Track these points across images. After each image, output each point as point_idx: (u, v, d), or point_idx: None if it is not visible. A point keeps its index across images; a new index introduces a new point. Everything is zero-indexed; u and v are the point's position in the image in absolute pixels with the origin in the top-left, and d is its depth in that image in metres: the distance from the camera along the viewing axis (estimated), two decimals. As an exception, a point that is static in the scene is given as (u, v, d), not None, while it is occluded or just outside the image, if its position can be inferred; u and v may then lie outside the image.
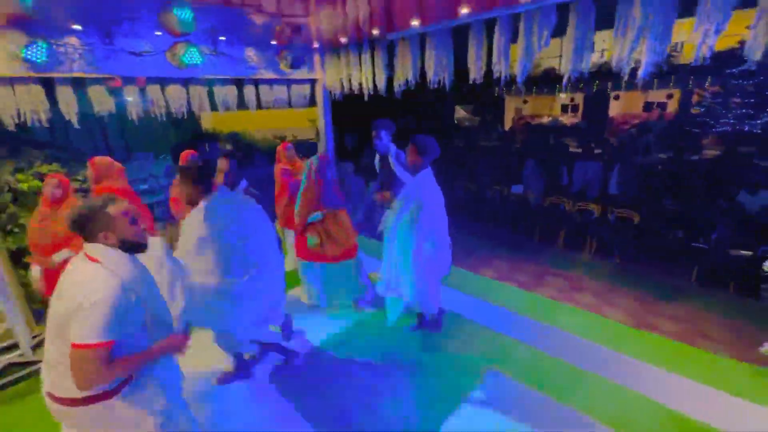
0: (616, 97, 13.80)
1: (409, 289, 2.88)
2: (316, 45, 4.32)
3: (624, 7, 2.52)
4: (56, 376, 1.39)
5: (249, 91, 4.13)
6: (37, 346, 3.10)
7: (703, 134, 10.25)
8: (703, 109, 10.45)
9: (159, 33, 3.22)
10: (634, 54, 2.53)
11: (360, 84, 4.28)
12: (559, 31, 2.93)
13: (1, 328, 3.09)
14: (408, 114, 14.44)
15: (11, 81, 2.73)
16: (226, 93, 3.96)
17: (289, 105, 4.54)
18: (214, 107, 3.93)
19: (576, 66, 2.82)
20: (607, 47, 13.78)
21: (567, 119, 15.08)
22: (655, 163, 8.56)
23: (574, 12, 2.73)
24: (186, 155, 3.34)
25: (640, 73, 2.52)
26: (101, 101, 3.20)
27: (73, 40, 2.89)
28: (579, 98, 14.83)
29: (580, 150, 9.44)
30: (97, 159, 2.87)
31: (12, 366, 2.93)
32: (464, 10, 2.98)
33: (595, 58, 13.43)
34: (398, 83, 4.01)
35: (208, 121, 11.19)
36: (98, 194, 2.45)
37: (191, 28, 3.32)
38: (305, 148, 8.06)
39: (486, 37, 3.36)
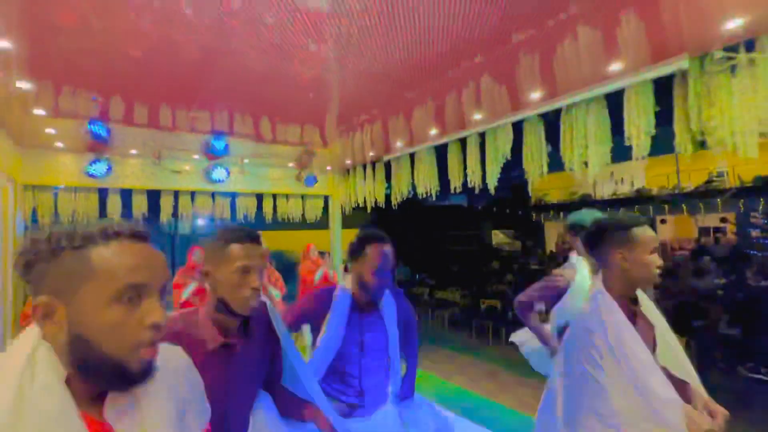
0: (663, 221, 13.29)
1: None
2: (329, 168, 5.07)
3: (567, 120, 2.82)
4: None
5: (267, 203, 4.79)
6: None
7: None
8: (763, 232, 9.66)
9: (196, 156, 4.09)
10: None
11: (365, 198, 4.79)
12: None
13: None
14: (446, 236, 14.93)
15: (75, 189, 3.54)
16: (247, 204, 4.63)
17: (303, 218, 5.10)
18: (234, 217, 4.56)
19: (534, 172, 3.02)
20: (626, 177, 14.07)
21: (613, 243, 14.52)
22: (714, 287, 7.66)
23: (527, 127, 3.08)
24: (193, 249, 3.80)
25: (589, 172, 2.66)
26: (141, 208, 3.93)
27: (129, 161, 3.77)
28: (622, 223, 14.47)
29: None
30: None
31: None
32: (435, 132, 3.49)
33: (627, 188, 13.57)
34: (395, 197, 4.45)
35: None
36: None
37: (223, 153, 4.18)
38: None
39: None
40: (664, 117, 2.39)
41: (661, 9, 2.13)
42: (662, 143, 2.43)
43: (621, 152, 2.63)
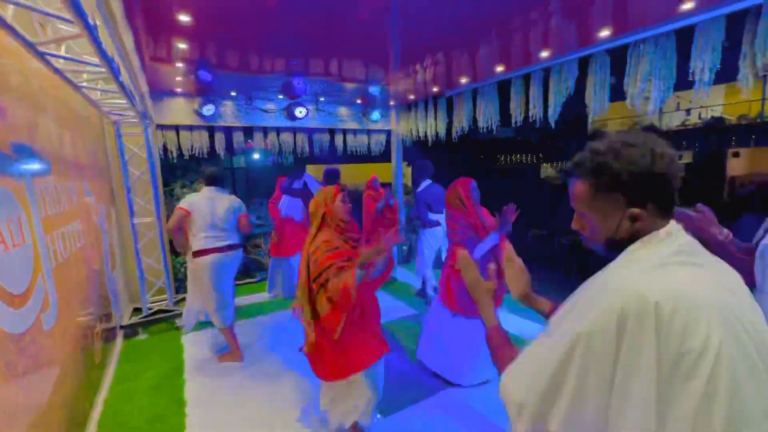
0: (736, 154, 12.31)
1: None
2: (392, 103, 5.43)
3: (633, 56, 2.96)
4: None
5: (339, 138, 5.34)
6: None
7: None
8: None
9: (281, 96, 4.63)
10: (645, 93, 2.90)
11: (425, 132, 5.18)
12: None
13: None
14: (499, 168, 14.98)
15: (190, 128, 4.27)
16: (322, 138, 5.21)
17: (369, 151, 5.63)
18: (312, 150, 5.19)
19: (596, 108, 3.25)
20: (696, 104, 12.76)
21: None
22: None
23: (592, 64, 3.24)
24: (281, 179, 4.51)
25: (650, 107, 2.87)
26: (240, 143, 4.66)
27: (229, 103, 4.40)
28: (687, 156, 13.55)
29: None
30: None
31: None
32: (500, 69, 3.71)
33: (694, 118, 12.45)
34: (455, 131, 4.80)
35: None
36: None
37: (302, 93, 4.68)
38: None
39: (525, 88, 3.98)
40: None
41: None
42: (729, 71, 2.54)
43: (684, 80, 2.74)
